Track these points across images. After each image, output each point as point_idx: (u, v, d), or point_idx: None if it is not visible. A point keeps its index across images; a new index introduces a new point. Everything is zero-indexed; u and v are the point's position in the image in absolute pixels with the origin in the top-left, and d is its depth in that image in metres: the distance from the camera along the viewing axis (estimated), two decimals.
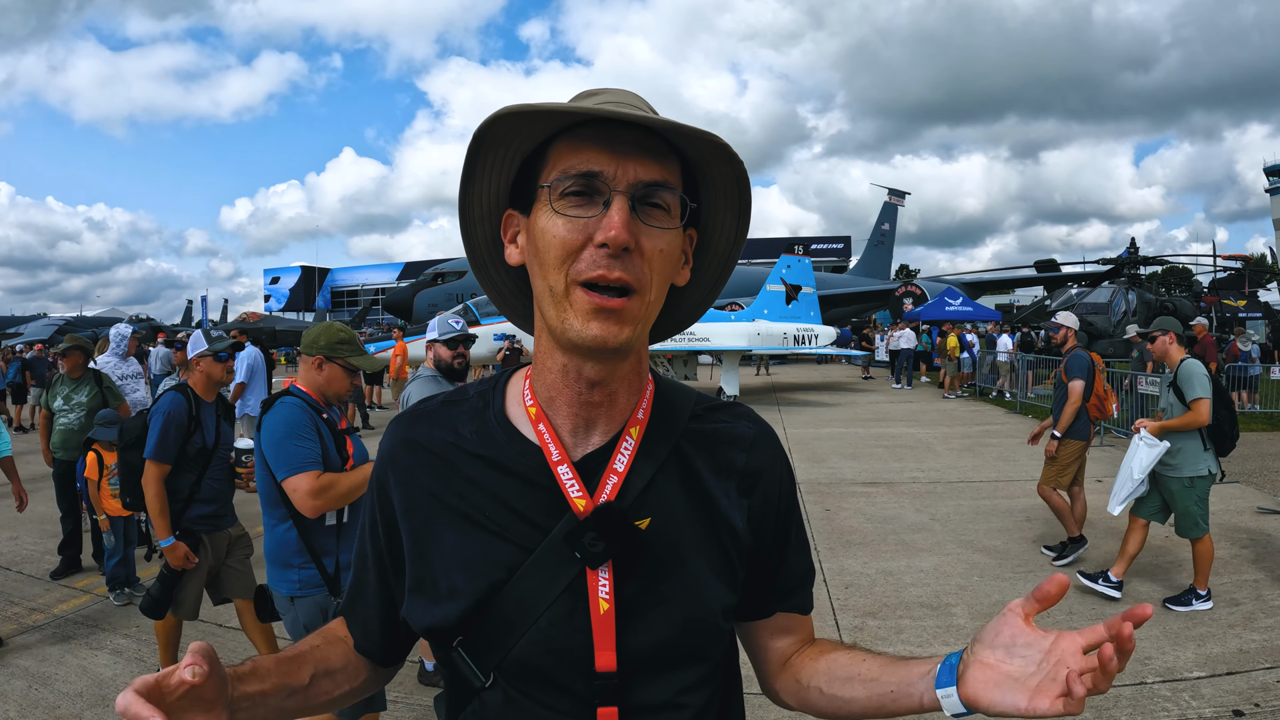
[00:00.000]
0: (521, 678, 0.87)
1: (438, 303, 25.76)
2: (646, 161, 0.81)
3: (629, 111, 0.78)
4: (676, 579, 0.88)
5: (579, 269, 0.80)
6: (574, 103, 0.85)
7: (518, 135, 0.83)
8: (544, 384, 0.90)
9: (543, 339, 0.89)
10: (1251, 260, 34.69)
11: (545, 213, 0.82)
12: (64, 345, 5.55)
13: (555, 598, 0.85)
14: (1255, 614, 4.47)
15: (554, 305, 0.82)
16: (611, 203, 0.79)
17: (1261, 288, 30.04)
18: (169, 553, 3.55)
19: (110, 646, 4.22)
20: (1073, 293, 22.49)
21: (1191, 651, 4.00)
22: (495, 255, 0.96)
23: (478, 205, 0.91)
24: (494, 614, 0.86)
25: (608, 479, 0.88)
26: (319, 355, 2.82)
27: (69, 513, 5.61)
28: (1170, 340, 4.89)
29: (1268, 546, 5.73)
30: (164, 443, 3.49)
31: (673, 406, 0.95)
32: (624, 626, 0.85)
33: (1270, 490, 7.71)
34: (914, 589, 5.03)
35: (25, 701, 3.61)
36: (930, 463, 9.48)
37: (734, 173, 0.86)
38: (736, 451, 0.95)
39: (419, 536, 0.91)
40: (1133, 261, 22.19)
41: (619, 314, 0.80)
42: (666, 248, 0.82)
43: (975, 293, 38.56)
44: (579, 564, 0.85)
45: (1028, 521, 6.54)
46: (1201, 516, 4.65)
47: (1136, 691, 3.59)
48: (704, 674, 0.92)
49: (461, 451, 0.91)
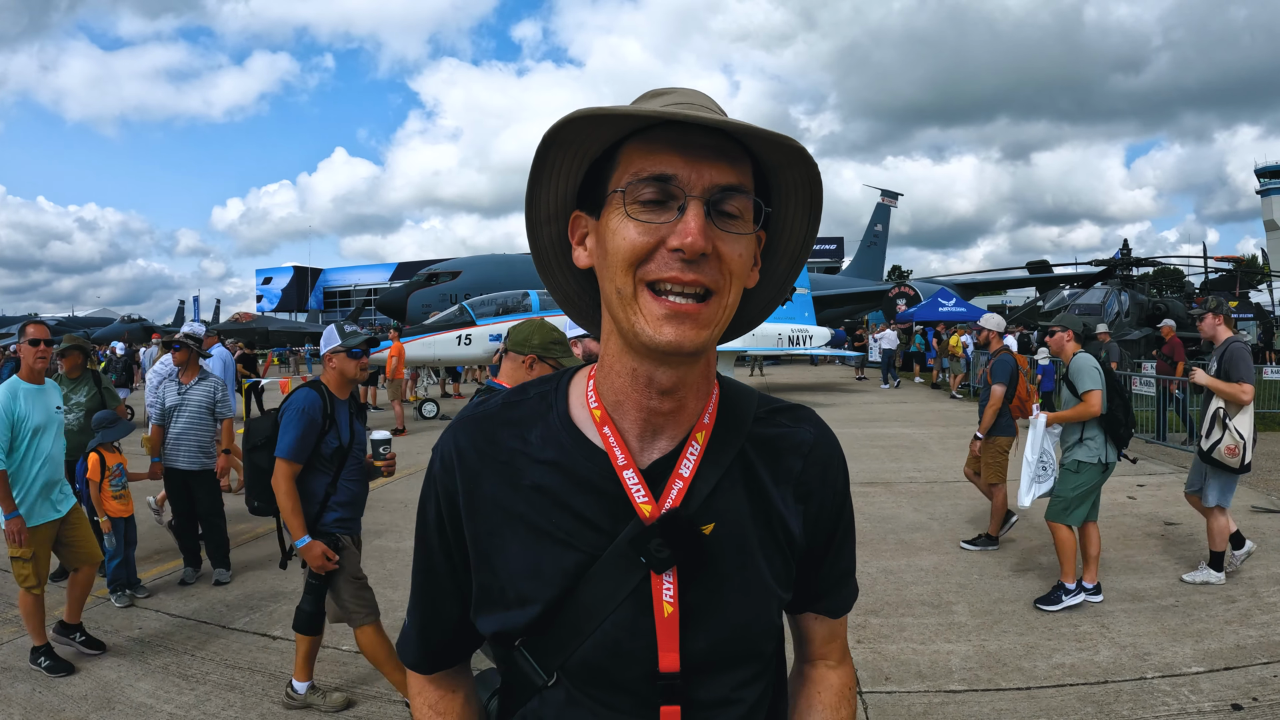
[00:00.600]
0: (585, 678, 0.88)
1: (432, 303, 25.73)
2: (721, 165, 0.79)
3: (702, 114, 0.76)
4: (738, 582, 0.89)
5: (648, 269, 0.79)
6: (644, 101, 0.85)
7: (587, 137, 0.82)
8: (611, 387, 0.90)
9: (611, 342, 0.89)
10: (1244, 261, 34.92)
11: (617, 216, 0.81)
12: (63, 345, 5.53)
13: (620, 602, 0.86)
14: (1251, 610, 4.52)
15: (622, 308, 0.81)
16: (687, 208, 0.77)
17: (1253, 289, 30.26)
18: (306, 553, 3.35)
19: (113, 648, 4.21)
20: (1065, 294, 22.60)
21: (1189, 647, 4.05)
22: (561, 257, 0.94)
23: (545, 206, 0.90)
24: (560, 618, 0.87)
25: (673, 484, 0.88)
26: (531, 355, 2.77)
27: None
28: (1068, 337, 5.18)
29: (1262, 544, 5.79)
30: (298, 441, 3.34)
31: (737, 409, 0.95)
32: (687, 628, 0.86)
33: (1264, 490, 7.78)
34: (915, 587, 5.07)
35: (30, 705, 3.60)
36: (926, 463, 9.53)
37: (808, 175, 0.85)
38: (795, 458, 0.95)
39: (484, 545, 0.91)
40: (1125, 263, 22.32)
41: (695, 318, 0.79)
42: (741, 253, 0.81)
43: (968, 294, 38.71)
44: (644, 569, 0.85)
45: (1024, 521, 6.58)
46: (1074, 504, 4.84)
47: (1137, 686, 3.63)
48: (759, 669, 0.94)
49: (528, 459, 0.90)
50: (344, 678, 3.88)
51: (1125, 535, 6.16)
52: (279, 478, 3.33)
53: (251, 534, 6.54)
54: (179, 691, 3.70)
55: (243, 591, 5.14)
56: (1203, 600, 4.71)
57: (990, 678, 3.78)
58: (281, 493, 3.32)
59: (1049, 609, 4.59)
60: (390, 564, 5.67)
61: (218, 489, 5.50)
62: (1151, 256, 24.03)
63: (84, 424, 5.55)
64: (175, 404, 5.40)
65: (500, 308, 15.42)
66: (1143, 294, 21.45)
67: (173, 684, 3.78)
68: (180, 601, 4.96)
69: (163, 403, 5.45)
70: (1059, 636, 4.24)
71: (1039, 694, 3.61)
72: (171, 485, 5.43)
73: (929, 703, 3.57)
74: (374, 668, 3.58)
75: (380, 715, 3.53)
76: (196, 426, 5.40)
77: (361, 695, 3.69)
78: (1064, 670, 3.83)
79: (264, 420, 3.54)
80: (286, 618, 4.62)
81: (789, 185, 0.87)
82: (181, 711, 3.51)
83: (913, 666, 3.92)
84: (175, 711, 3.51)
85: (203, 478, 5.42)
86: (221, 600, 4.97)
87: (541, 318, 2.88)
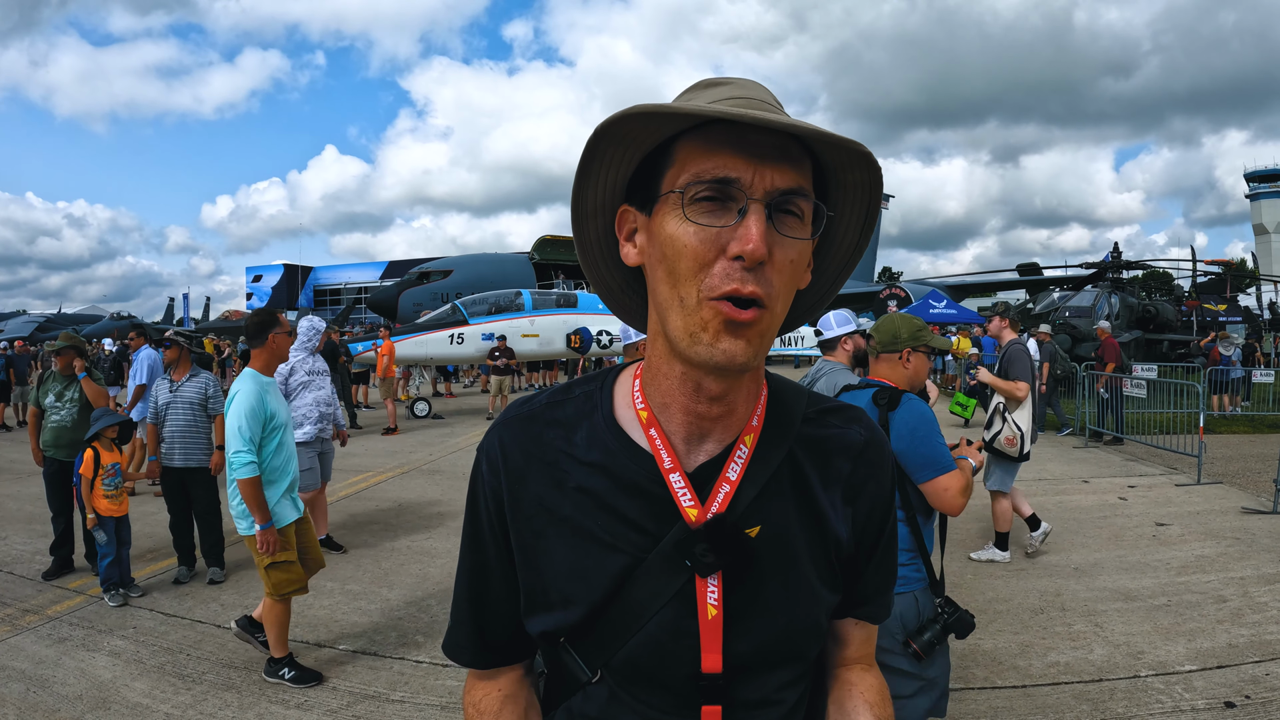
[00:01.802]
0: (628, 677, 0.88)
1: (423, 302, 25.62)
2: (783, 168, 0.76)
3: (763, 111, 0.73)
4: (783, 585, 0.88)
5: (712, 284, 0.76)
6: (696, 93, 0.82)
7: (641, 131, 0.79)
8: (658, 389, 0.88)
9: (659, 344, 0.86)
10: (1233, 265, 35.18)
11: (675, 218, 0.78)
12: (59, 344, 5.49)
13: (665, 603, 0.85)
14: (1243, 610, 4.57)
15: (683, 318, 0.78)
16: (748, 211, 0.74)
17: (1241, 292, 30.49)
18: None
19: (108, 648, 4.18)
20: (1055, 296, 22.74)
21: (1182, 646, 4.08)
22: (607, 251, 0.92)
23: (592, 199, 0.87)
24: (604, 620, 0.87)
25: (720, 488, 0.87)
26: (905, 348, 2.74)
27: (60, 512, 5.53)
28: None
29: (1252, 545, 5.85)
30: None
31: (787, 410, 0.94)
32: (731, 631, 0.86)
33: (1254, 491, 7.85)
34: None
35: (24, 705, 3.57)
36: None
37: (870, 178, 0.82)
38: (844, 460, 0.94)
39: (529, 546, 0.90)
40: (1116, 265, 22.47)
41: (748, 327, 0.76)
42: (798, 257, 0.79)
43: (958, 296, 38.86)
44: (689, 572, 0.85)
45: (1016, 520, 6.61)
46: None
47: (1131, 684, 3.66)
48: (801, 671, 0.94)
49: (574, 460, 0.89)
50: (345, 676, 3.86)
51: (1117, 535, 6.21)
52: None
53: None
54: (175, 691, 3.68)
55: (237, 590, 5.11)
56: (1195, 600, 4.75)
57: (986, 676, 3.80)
58: None
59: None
60: (385, 563, 5.65)
61: (214, 486, 5.46)
62: (1141, 260, 24.16)
63: (78, 420, 5.52)
64: (168, 401, 5.37)
65: (493, 307, 15.41)
66: (1133, 297, 21.60)
67: (169, 684, 3.76)
68: (175, 601, 4.93)
69: (156, 401, 5.42)
70: (1053, 635, 4.27)
71: (1035, 692, 3.63)
72: (168, 483, 5.39)
73: None
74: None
75: (379, 715, 3.52)
76: (190, 423, 5.37)
77: (362, 695, 3.68)
78: (1059, 669, 3.86)
79: None
80: None
81: (849, 187, 0.85)
82: (178, 711, 3.49)
83: None
84: (172, 711, 3.49)
85: (199, 475, 5.38)
86: (216, 599, 4.95)
87: (899, 313, 2.88)
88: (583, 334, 15.76)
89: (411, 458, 10.26)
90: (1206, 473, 8.35)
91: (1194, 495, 7.67)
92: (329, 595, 4.99)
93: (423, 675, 3.87)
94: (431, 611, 4.69)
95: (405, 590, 5.09)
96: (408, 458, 10.26)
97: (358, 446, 11.15)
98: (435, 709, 3.54)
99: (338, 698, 3.63)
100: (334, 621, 4.56)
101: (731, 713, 0.87)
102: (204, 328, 34.27)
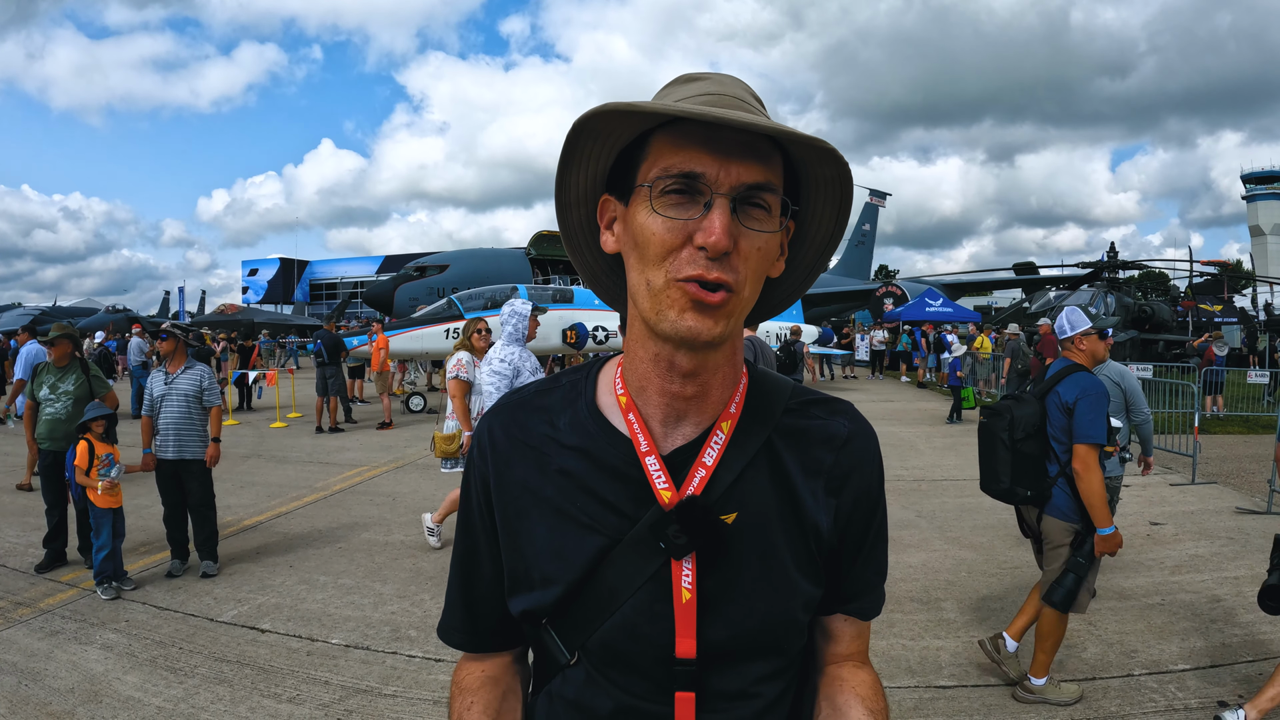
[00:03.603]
0: (604, 659, 0.90)
1: (419, 296, 25.51)
2: (750, 163, 0.79)
3: (733, 111, 0.76)
4: (760, 573, 0.89)
5: (678, 267, 0.79)
6: (674, 88, 0.85)
7: (617, 126, 0.83)
8: (635, 373, 0.91)
9: (635, 326, 0.90)
10: (1229, 266, 35.28)
11: (644, 210, 0.81)
12: (53, 334, 5.46)
13: (640, 586, 0.87)
14: (1236, 609, 4.58)
15: (650, 299, 0.82)
16: (713, 205, 0.78)
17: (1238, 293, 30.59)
18: (1106, 542, 3.50)
19: (100, 641, 4.17)
20: (1052, 295, 22.82)
21: (1176, 645, 4.09)
22: (589, 239, 0.96)
23: (573, 190, 0.92)
24: (583, 599, 0.89)
25: (695, 472, 0.89)
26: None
27: (55, 505, 5.51)
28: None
29: (1246, 545, 5.87)
30: (1101, 424, 3.41)
31: (768, 400, 0.95)
32: (705, 616, 0.87)
33: (1248, 491, 7.88)
34: (904, 584, 5.09)
35: (15, 698, 3.56)
36: (914, 461, 9.58)
37: (838, 172, 0.85)
38: (826, 451, 0.94)
39: (511, 528, 0.93)
40: (1112, 265, 22.53)
41: (714, 309, 0.80)
42: (764, 246, 0.82)
43: (955, 294, 38.94)
44: (664, 555, 0.86)
45: (1011, 518, 6.62)
46: None
47: (1124, 683, 3.67)
48: (781, 666, 0.93)
49: (557, 444, 0.92)
50: None
51: None
52: (1089, 463, 3.39)
53: (238, 526, 6.49)
54: (167, 685, 3.67)
55: (230, 584, 5.09)
56: (1189, 599, 4.77)
57: (980, 674, 3.81)
58: (1097, 481, 3.39)
59: None
60: (379, 557, 5.64)
61: (209, 479, 5.43)
62: (1137, 260, 24.23)
63: (73, 412, 5.50)
64: (162, 393, 5.34)
65: (489, 301, 15.35)
66: (1129, 297, 21.67)
67: (160, 677, 3.75)
68: (167, 594, 4.91)
69: (151, 393, 5.39)
70: None
71: None
72: (162, 476, 5.35)
73: (919, 698, 3.59)
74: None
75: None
76: (185, 416, 5.33)
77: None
78: (1053, 666, 3.85)
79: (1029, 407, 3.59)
80: (274, 611, 4.61)
81: (818, 181, 0.88)
82: (170, 705, 3.48)
83: (903, 662, 3.95)
84: (164, 705, 3.48)
85: (193, 468, 5.33)
86: (209, 593, 4.93)
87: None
88: (579, 329, 15.73)
89: (406, 452, 10.24)
90: (1201, 473, 8.38)
91: (1188, 495, 7.69)
92: (322, 589, 4.97)
93: (415, 669, 3.86)
94: (424, 606, 4.68)
95: (398, 585, 5.08)
96: (402, 452, 10.24)
97: (352, 441, 11.15)
98: (428, 703, 3.53)
99: (330, 692, 3.62)
100: (326, 615, 4.55)
101: (705, 701, 0.88)
102: (199, 321, 34.17)
